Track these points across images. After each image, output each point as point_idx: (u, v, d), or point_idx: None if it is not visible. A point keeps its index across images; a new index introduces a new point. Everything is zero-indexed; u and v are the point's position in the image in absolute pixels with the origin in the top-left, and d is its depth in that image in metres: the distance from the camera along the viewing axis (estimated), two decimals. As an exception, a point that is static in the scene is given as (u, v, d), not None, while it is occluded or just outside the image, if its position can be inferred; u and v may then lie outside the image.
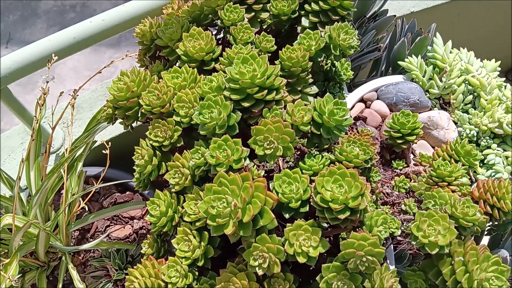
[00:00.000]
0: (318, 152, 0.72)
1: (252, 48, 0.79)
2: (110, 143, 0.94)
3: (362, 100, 1.03)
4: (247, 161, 0.66)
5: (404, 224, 0.81)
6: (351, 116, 0.98)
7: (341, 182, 0.60)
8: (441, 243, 0.62)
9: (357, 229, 0.63)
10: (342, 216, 0.58)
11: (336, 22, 0.82)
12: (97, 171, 1.17)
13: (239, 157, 0.64)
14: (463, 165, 0.81)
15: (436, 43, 1.02)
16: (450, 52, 1.01)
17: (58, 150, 1.18)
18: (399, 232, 0.76)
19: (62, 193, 1.17)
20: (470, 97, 0.97)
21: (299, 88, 0.79)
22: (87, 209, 1.12)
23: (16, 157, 1.17)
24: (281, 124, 0.64)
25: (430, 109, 1.00)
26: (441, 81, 0.98)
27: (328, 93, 0.69)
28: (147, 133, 0.74)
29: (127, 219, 1.13)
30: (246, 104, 0.67)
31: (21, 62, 0.87)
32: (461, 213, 0.66)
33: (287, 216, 0.64)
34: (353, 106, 1.01)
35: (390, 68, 1.15)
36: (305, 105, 0.71)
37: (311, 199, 0.63)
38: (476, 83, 0.96)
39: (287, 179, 0.64)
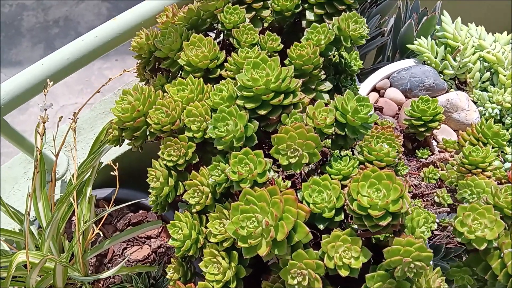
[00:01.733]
0: (340, 153, 0.67)
1: (258, 49, 0.74)
2: (117, 163, 0.89)
3: (374, 89, 0.98)
4: (271, 172, 0.61)
5: (440, 217, 0.77)
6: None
7: (378, 186, 0.55)
8: (489, 237, 0.58)
9: (399, 233, 0.59)
10: (383, 223, 0.54)
11: (343, 12, 0.77)
12: (106, 193, 1.13)
13: (263, 170, 0.59)
14: (492, 147, 0.77)
15: (445, 21, 0.97)
16: (461, 30, 0.96)
17: (64, 176, 1.14)
18: (435, 226, 0.72)
19: (74, 220, 1.12)
20: (487, 74, 0.93)
21: (312, 87, 0.75)
22: (101, 234, 1.08)
23: (21, 188, 1.12)
24: (303, 129, 0.59)
25: (447, 91, 0.95)
26: (455, 60, 0.94)
27: (347, 90, 0.64)
28: (159, 153, 0.70)
29: (143, 239, 1.09)
30: (262, 112, 0.63)
31: (15, 92, 0.82)
32: (505, 202, 0.62)
33: (321, 227, 0.59)
34: (366, 97, 0.97)
35: (398, 52, 1.10)
36: (326, 104, 0.67)
37: (345, 206, 0.58)
38: (493, 59, 0.91)
39: (317, 188, 0.59)
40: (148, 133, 0.73)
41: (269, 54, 0.77)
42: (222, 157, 0.65)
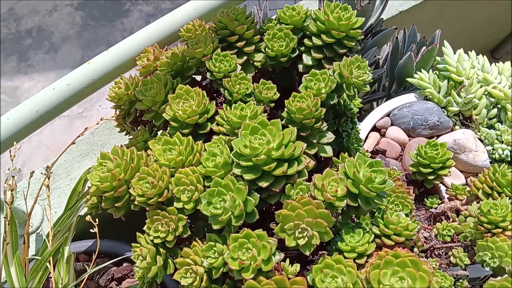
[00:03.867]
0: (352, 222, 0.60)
1: (254, 103, 0.66)
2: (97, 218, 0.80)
3: (375, 127, 0.92)
4: (277, 255, 0.53)
5: (457, 279, 0.71)
6: (368, 151, 0.87)
7: (401, 275, 0.48)
8: (524, 320, 0.52)
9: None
10: (410, 319, 0.47)
11: (344, 56, 0.70)
12: (87, 245, 1.03)
13: (268, 256, 0.51)
14: (509, 198, 0.71)
15: (447, 53, 0.91)
16: (464, 60, 0.90)
17: (38, 229, 1.03)
18: (453, 289, 0.66)
19: (51, 278, 1.02)
20: (494, 111, 0.87)
21: (314, 141, 0.67)
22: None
23: (-11, 245, 1.01)
24: (312, 206, 0.52)
25: (452, 129, 0.89)
26: (459, 96, 0.88)
27: (358, 154, 0.57)
28: (145, 227, 0.61)
29: (129, 296, 1.00)
30: (264, 184, 0.55)
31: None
32: (537, 275, 0.55)
33: (336, 317, 0.52)
34: (367, 137, 0.90)
35: (395, 83, 1.04)
36: (334, 165, 0.60)
37: (363, 295, 0.51)
38: (500, 95, 0.86)
39: (330, 272, 0.52)
40: (131, 203, 0.64)
41: (263, 104, 0.70)
42: (218, 235, 0.57)
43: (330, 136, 0.70)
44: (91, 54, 2.58)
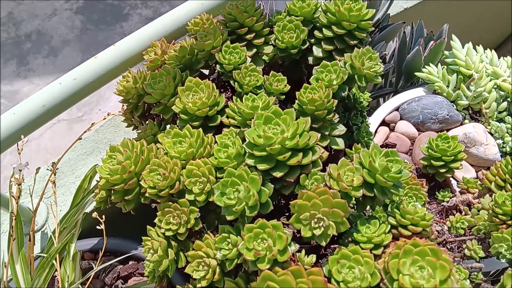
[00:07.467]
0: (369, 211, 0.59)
1: (264, 94, 0.65)
2: (103, 215, 0.79)
3: (384, 122, 0.91)
4: (292, 246, 0.52)
5: (472, 273, 0.70)
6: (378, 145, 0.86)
7: (421, 264, 0.47)
8: (545, 311, 0.51)
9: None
10: (431, 309, 0.46)
11: (355, 48, 0.69)
12: (92, 243, 1.02)
13: (284, 246, 0.50)
14: (522, 190, 0.71)
15: (455, 47, 0.91)
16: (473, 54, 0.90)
17: (43, 227, 1.02)
18: (467, 282, 0.65)
19: (56, 276, 1.01)
20: (504, 104, 0.87)
21: (326, 133, 0.67)
22: (88, 296, 0.97)
23: (-5, 242, 1.00)
24: (329, 195, 0.51)
25: (461, 123, 0.89)
26: (468, 89, 0.87)
27: (373, 144, 0.56)
28: (156, 220, 0.60)
29: (135, 294, 0.98)
30: (278, 174, 0.54)
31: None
32: (557, 266, 0.54)
33: (354, 309, 0.51)
34: (376, 131, 0.89)
35: (402, 78, 1.04)
36: (349, 157, 0.59)
37: (382, 285, 0.50)
38: (510, 88, 0.85)
39: (347, 263, 0.51)
40: (141, 196, 0.63)
41: (274, 96, 0.69)
42: (231, 227, 0.56)
43: (341, 129, 0.70)
44: (95, 40, 2.57)
